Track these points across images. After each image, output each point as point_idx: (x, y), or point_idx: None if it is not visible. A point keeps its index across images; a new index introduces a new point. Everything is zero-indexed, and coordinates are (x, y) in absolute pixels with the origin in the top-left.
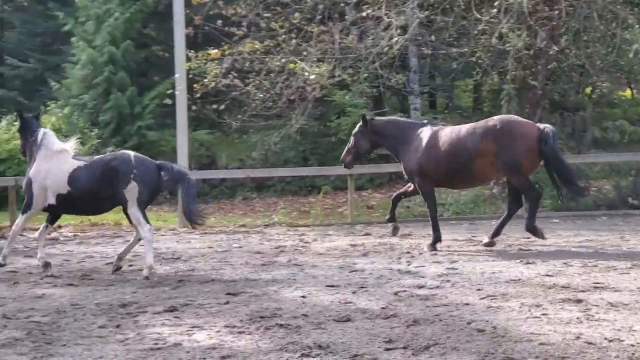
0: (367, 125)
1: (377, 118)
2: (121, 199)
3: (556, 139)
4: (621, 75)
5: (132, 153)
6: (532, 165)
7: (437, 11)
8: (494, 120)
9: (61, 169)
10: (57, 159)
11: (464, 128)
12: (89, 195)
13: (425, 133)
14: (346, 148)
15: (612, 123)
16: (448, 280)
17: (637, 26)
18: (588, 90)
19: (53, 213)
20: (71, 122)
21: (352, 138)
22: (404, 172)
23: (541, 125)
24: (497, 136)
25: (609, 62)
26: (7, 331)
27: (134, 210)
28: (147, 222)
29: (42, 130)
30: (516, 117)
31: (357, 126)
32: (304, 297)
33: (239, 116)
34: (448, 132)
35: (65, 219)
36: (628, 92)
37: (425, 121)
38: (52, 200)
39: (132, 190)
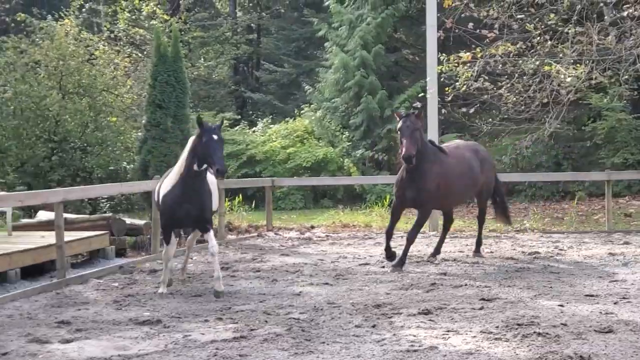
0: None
1: None
2: None
3: None
4: None
5: None
6: None
7: None
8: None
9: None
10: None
11: (466, 153)
12: None
13: (441, 157)
14: (410, 142)
15: None
16: None
17: None
18: None
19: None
20: (323, 125)
21: (414, 132)
22: (417, 194)
23: None
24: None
25: None
26: (268, 326)
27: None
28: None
29: None
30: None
31: (413, 119)
32: (561, 305)
33: (490, 119)
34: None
35: (317, 220)
36: None
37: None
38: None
39: None
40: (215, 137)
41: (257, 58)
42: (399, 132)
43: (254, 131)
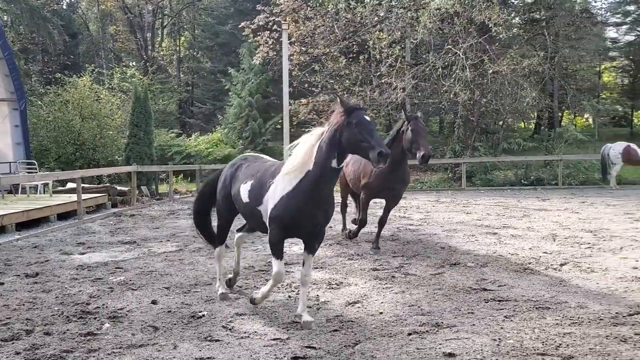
0: None
1: None
2: None
3: None
4: (519, 115)
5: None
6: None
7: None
8: None
9: None
10: None
11: None
12: None
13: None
14: (426, 142)
15: (513, 140)
16: (426, 222)
17: (529, 88)
18: (501, 122)
19: None
20: (229, 137)
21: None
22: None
23: None
24: None
25: (512, 108)
26: (195, 244)
27: None
28: None
29: None
30: None
31: (422, 123)
32: (350, 229)
33: None
34: None
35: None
36: (522, 124)
37: None
38: None
39: None
40: (367, 117)
41: (192, 99)
42: (411, 132)
43: (190, 139)
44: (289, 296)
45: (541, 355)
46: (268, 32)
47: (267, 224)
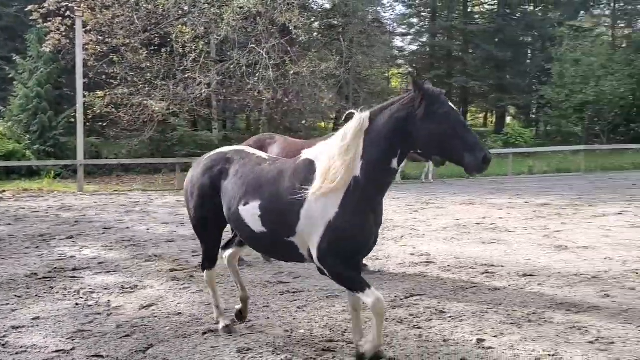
0: None
1: None
2: None
3: None
4: (319, 115)
5: None
6: None
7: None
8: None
9: None
10: None
11: None
12: None
13: None
14: None
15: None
16: None
17: (326, 90)
18: (304, 122)
19: None
20: (13, 130)
21: None
22: None
23: None
24: None
25: (313, 108)
26: None
27: None
28: None
29: None
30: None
31: None
32: (148, 229)
33: (114, 130)
34: None
35: (7, 187)
36: (323, 124)
37: None
38: None
39: None
40: (454, 106)
41: None
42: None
43: None
44: (77, 303)
45: (329, 342)
46: (60, 18)
47: (320, 262)
